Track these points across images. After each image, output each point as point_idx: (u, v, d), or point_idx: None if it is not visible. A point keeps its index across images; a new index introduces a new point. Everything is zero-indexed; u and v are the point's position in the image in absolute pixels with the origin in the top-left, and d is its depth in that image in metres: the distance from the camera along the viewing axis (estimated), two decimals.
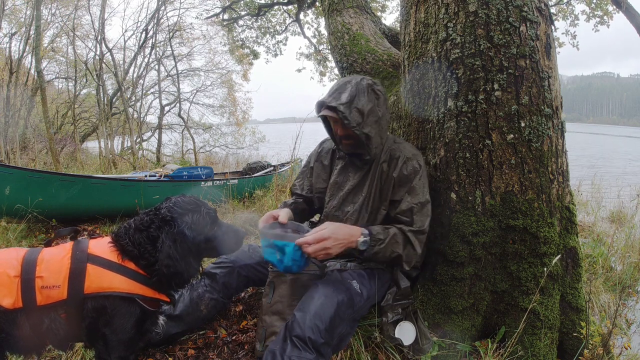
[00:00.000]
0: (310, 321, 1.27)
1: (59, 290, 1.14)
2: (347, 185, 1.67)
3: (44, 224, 3.42)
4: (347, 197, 1.66)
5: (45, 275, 1.14)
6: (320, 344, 1.25)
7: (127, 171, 6.97)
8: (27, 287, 1.12)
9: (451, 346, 1.57)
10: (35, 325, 1.14)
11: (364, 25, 2.89)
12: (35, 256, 1.17)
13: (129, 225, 1.28)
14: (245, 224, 3.54)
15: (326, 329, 1.28)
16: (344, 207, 1.66)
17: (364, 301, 1.49)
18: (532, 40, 1.59)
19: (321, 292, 1.37)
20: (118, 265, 1.21)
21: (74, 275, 1.16)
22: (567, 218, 1.70)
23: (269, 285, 1.57)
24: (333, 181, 1.72)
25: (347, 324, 1.41)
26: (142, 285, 1.22)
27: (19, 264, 1.15)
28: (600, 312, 2.08)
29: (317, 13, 9.16)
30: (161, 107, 11.83)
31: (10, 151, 8.85)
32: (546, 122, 1.61)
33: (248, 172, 6.33)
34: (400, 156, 1.59)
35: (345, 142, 1.61)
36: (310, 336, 1.24)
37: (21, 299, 1.11)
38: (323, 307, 1.32)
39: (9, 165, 3.62)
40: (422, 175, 1.58)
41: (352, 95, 1.51)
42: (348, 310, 1.40)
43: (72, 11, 10.42)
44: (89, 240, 1.27)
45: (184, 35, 12.07)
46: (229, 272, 1.72)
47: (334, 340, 1.34)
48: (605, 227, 3.83)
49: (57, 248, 1.24)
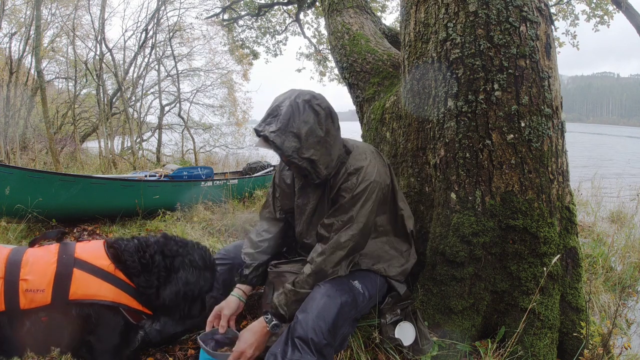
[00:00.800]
0: (313, 322, 1.26)
1: (43, 295, 1.09)
2: (308, 208, 1.60)
3: (44, 224, 3.42)
4: (310, 221, 1.60)
5: (30, 279, 1.09)
6: (322, 346, 1.24)
7: (127, 171, 6.97)
8: (10, 290, 1.07)
9: (451, 346, 1.56)
10: (17, 329, 1.09)
11: (364, 25, 2.89)
12: (19, 257, 1.13)
13: (142, 243, 1.25)
14: (245, 224, 3.55)
15: (329, 330, 1.27)
16: (311, 231, 1.61)
17: (367, 300, 1.49)
18: (532, 40, 1.59)
19: (324, 293, 1.35)
20: (106, 273, 1.16)
21: (59, 280, 1.11)
22: (567, 218, 1.70)
23: (269, 286, 1.57)
24: (296, 204, 1.66)
25: (350, 324, 1.41)
26: (129, 296, 1.19)
27: (2, 264, 1.10)
28: (600, 312, 2.08)
29: (317, 13, 9.16)
30: (161, 107, 11.82)
31: (10, 151, 8.85)
32: (546, 122, 1.61)
33: (248, 172, 6.32)
34: (343, 170, 1.48)
35: (291, 167, 1.53)
36: (312, 337, 1.23)
37: (4, 302, 1.06)
38: (326, 307, 1.30)
39: (9, 165, 3.62)
40: (365, 199, 1.43)
41: (286, 118, 1.35)
42: (352, 311, 1.39)
43: (72, 11, 10.42)
44: (76, 244, 1.23)
45: (184, 35, 12.06)
46: (228, 269, 1.70)
47: (336, 341, 1.33)
48: (605, 227, 3.83)
49: (43, 250, 1.19)
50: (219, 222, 3.68)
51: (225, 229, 3.57)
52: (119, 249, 1.21)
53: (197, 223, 3.67)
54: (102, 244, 1.24)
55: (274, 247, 1.70)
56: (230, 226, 3.61)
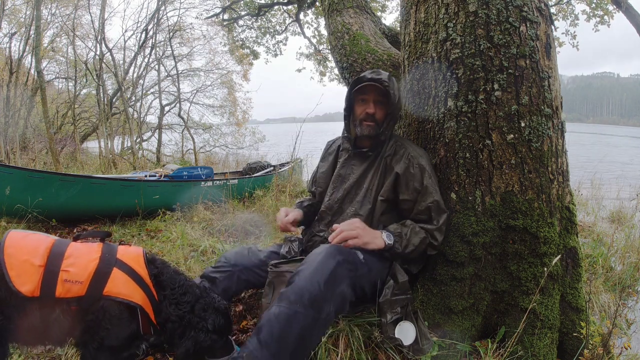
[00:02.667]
0: (310, 273, 1.27)
1: (80, 286, 1.18)
2: (350, 178, 1.73)
3: (44, 224, 3.42)
4: (350, 190, 1.71)
5: (71, 270, 1.18)
6: (316, 296, 1.24)
7: (127, 171, 6.97)
8: (49, 278, 1.15)
9: (451, 346, 1.56)
10: (45, 316, 1.17)
11: (364, 25, 2.89)
12: (63, 249, 1.22)
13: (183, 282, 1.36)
14: (245, 224, 3.55)
15: (325, 282, 1.27)
16: (347, 198, 1.71)
17: (367, 271, 1.49)
18: (532, 40, 1.59)
19: (322, 250, 1.38)
20: (142, 280, 1.27)
21: (98, 275, 1.20)
22: (567, 218, 1.70)
23: (269, 285, 1.56)
24: (337, 174, 1.78)
25: (349, 285, 1.38)
26: (151, 307, 1.28)
27: (45, 254, 1.18)
28: (600, 312, 2.08)
29: (317, 13, 9.16)
30: (161, 107, 11.82)
31: (10, 151, 8.85)
32: (546, 122, 1.61)
33: (248, 172, 6.33)
34: (405, 153, 1.65)
35: (368, 123, 1.67)
36: (308, 287, 1.24)
37: (40, 288, 1.14)
38: (324, 262, 1.32)
39: (9, 165, 3.62)
40: (431, 173, 1.63)
41: (388, 77, 1.65)
42: (350, 271, 1.38)
43: (72, 11, 10.43)
44: (118, 246, 1.33)
45: (184, 36, 12.06)
46: (228, 276, 1.70)
47: (333, 298, 1.30)
48: (605, 227, 3.83)
49: (86, 246, 1.28)
50: (219, 222, 3.68)
51: (225, 229, 3.57)
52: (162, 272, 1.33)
53: (197, 223, 3.67)
54: (142, 253, 1.34)
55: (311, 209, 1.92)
56: (230, 226, 3.61)
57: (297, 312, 1.21)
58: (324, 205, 1.77)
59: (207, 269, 1.76)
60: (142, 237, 3.35)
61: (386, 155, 1.68)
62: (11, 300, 1.12)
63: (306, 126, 4.38)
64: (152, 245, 3.02)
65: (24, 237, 1.22)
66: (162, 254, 2.69)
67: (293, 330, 1.20)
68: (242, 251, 1.78)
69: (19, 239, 1.20)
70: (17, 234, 1.22)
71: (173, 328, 1.30)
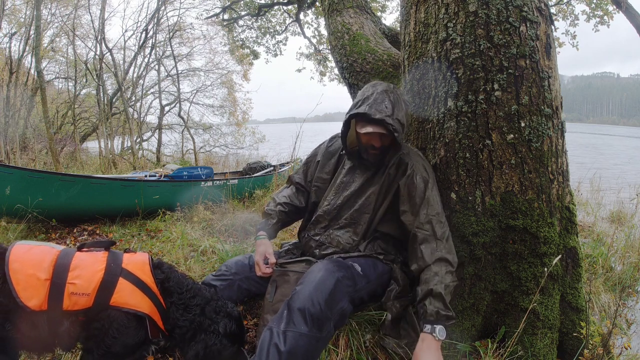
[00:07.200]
0: (310, 293, 1.27)
1: (87, 298, 1.17)
2: (352, 186, 1.70)
3: (44, 224, 3.42)
4: (350, 197, 1.69)
5: (77, 283, 1.17)
6: (318, 316, 1.24)
7: (127, 171, 6.97)
8: (56, 291, 1.14)
9: (451, 346, 1.56)
10: (53, 328, 1.16)
11: (364, 25, 2.89)
12: (68, 261, 1.20)
13: (190, 286, 1.35)
14: (245, 224, 3.54)
15: (326, 301, 1.27)
16: (346, 205, 1.69)
17: (365, 283, 1.49)
18: (532, 40, 1.59)
19: (322, 267, 1.38)
20: (148, 288, 1.26)
21: (104, 287, 1.19)
22: (567, 218, 1.70)
23: (271, 284, 1.56)
24: (339, 181, 1.74)
25: (348, 300, 1.38)
26: (159, 314, 1.28)
27: (50, 267, 1.16)
28: (600, 312, 2.08)
29: (317, 13, 9.16)
30: (161, 107, 11.81)
31: (10, 151, 8.85)
32: (546, 122, 1.61)
33: (248, 172, 6.32)
34: (409, 164, 1.62)
35: (373, 152, 1.63)
36: (309, 307, 1.23)
37: (47, 302, 1.13)
38: (323, 280, 1.32)
39: (9, 165, 3.62)
40: (433, 184, 1.61)
41: (392, 105, 1.54)
42: (349, 287, 1.39)
43: (72, 11, 10.42)
44: (124, 254, 1.32)
45: (184, 36, 12.05)
46: (229, 285, 1.68)
47: (334, 315, 1.31)
48: (605, 227, 3.83)
49: (91, 256, 1.27)
50: (219, 222, 3.67)
51: (225, 229, 3.57)
52: (168, 277, 1.32)
53: (197, 223, 3.67)
54: (147, 259, 1.33)
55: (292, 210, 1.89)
56: (230, 226, 3.61)
57: (301, 335, 1.22)
58: (321, 210, 1.74)
59: (208, 277, 1.74)
60: (142, 237, 3.35)
61: (390, 165, 1.65)
62: (19, 313, 1.11)
63: (306, 126, 4.38)
64: (152, 245, 3.02)
65: (29, 250, 1.20)
66: (162, 254, 2.69)
67: (299, 352, 1.21)
68: (243, 260, 1.76)
69: (23, 252, 1.18)
70: (22, 247, 1.20)
71: (182, 333, 1.29)
